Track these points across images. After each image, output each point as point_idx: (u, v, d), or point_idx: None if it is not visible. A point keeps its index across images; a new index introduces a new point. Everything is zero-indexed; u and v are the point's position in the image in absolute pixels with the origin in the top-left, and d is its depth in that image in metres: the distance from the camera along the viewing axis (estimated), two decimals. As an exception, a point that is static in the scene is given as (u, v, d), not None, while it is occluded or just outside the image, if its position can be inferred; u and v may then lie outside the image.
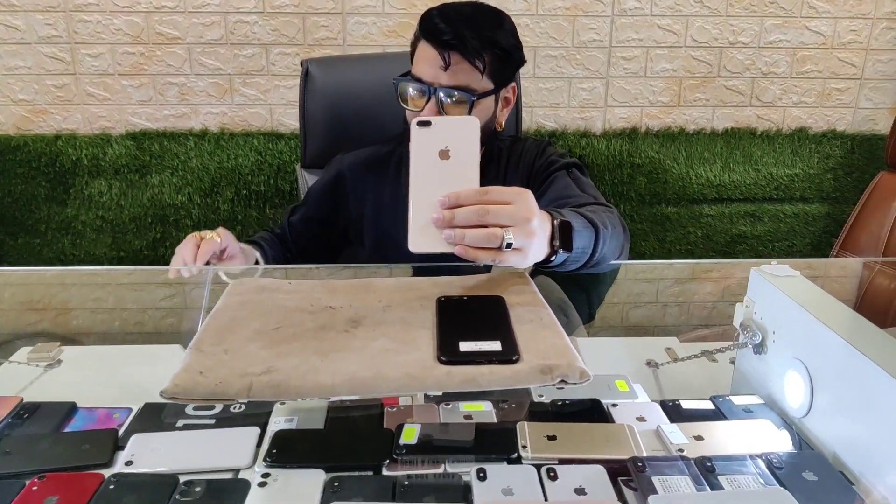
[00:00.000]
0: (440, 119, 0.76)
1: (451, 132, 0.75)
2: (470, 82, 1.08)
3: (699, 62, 2.09)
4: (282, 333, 0.72)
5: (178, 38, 2.01)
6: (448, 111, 1.09)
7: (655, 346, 0.88)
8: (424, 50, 1.08)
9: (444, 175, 0.74)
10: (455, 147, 0.74)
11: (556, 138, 2.10)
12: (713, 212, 2.17)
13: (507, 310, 0.76)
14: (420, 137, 0.75)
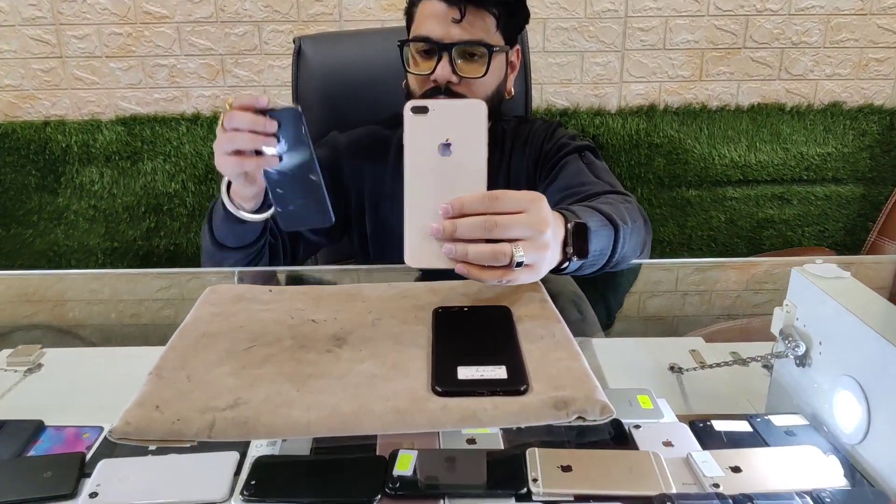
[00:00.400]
0: (439, 103, 0.63)
1: (453, 120, 0.62)
2: (485, 36, 1.00)
3: (723, 32, 1.96)
4: (255, 354, 0.62)
5: (167, 16, 1.91)
6: (462, 70, 1.00)
7: (678, 347, 0.80)
8: (430, 6, 1.00)
9: (444, 174, 0.62)
10: (458, 138, 0.62)
11: (568, 117, 1.99)
12: (738, 194, 2.05)
13: (514, 324, 0.66)
14: (416, 127, 0.62)
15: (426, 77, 1.00)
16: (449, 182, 0.62)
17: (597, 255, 0.77)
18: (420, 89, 1.02)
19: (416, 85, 1.03)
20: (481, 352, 0.61)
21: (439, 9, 0.98)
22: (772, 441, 0.62)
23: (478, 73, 1.00)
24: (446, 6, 0.98)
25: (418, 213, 0.62)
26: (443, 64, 0.98)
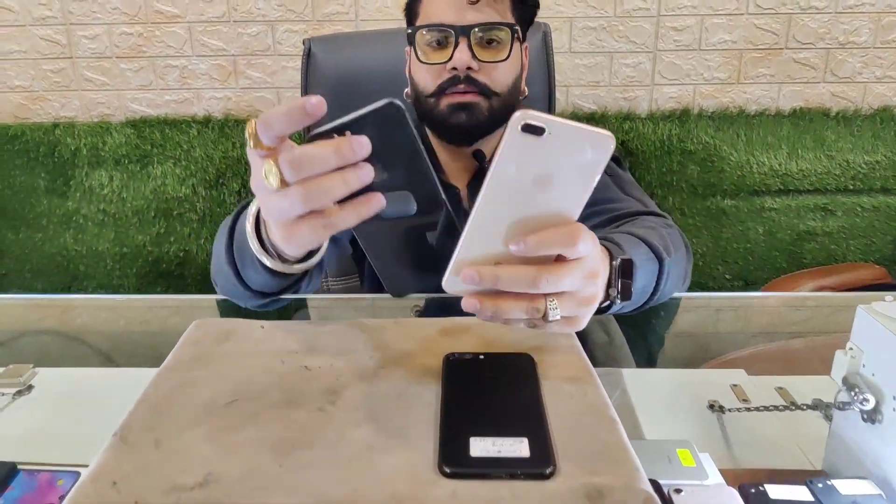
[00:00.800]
0: (562, 125, 0.46)
1: (570, 150, 0.47)
2: (503, 17, 0.92)
3: (763, 32, 1.84)
4: (236, 412, 0.54)
5: (178, 15, 1.84)
6: (482, 54, 0.91)
7: (718, 381, 0.72)
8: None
9: (529, 209, 0.49)
10: (565, 174, 0.48)
11: (596, 121, 1.88)
12: (777, 205, 1.92)
13: (539, 379, 0.57)
14: (518, 147, 0.47)
15: (442, 66, 0.91)
16: (530, 220, 0.50)
17: (639, 294, 0.68)
18: (435, 82, 0.93)
19: (430, 78, 0.93)
20: (499, 417, 0.51)
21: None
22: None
23: (500, 56, 0.92)
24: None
25: (480, 238, 0.50)
26: (461, 49, 0.89)
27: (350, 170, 0.46)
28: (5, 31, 1.88)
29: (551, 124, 0.46)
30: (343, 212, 0.48)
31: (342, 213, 0.48)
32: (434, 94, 0.93)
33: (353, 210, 0.48)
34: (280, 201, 0.48)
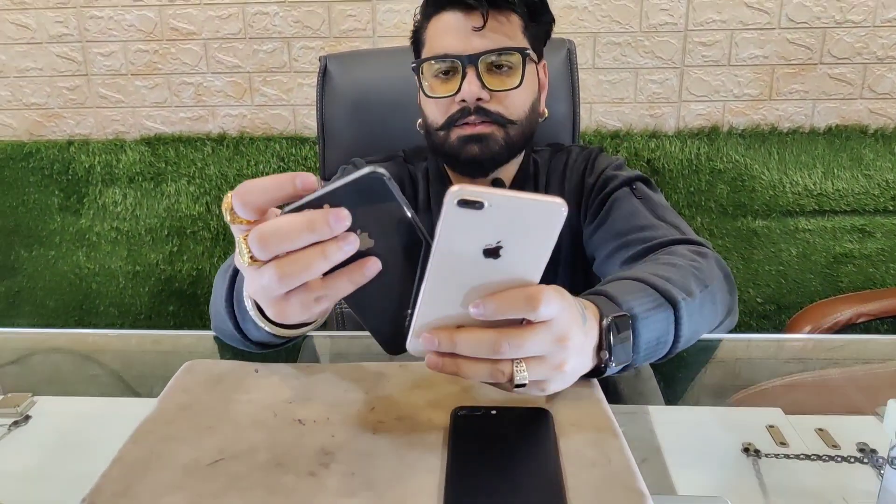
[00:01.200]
0: (501, 198, 0.42)
1: (515, 221, 0.43)
2: (513, 41, 0.86)
3: (796, 46, 1.76)
4: (219, 474, 0.48)
5: (194, 33, 1.82)
6: (492, 83, 0.85)
7: (753, 421, 0.66)
8: (444, 20, 0.86)
9: (486, 275, 0.45)
10: (514, 244, 0.44)
11: (620, 139, 1.82)
12: (812, 226, 1.84)
13: (557, 441, 0.50)
14: (458, 222, 0.43)
15: (450, 99, 0.86)
16: (488, 285, 0.46)
17: (652, 347, 0.61)
18: (444, 115, 0.88)
19: (439, 112, 0.89)
20: (511, 483, 0.45)
21: (455, 20, 0.85)
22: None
23: (512, 84, 0.86)
24: (462, 15, 0.84)
25: (435, 302, 0.47)
26: (469, 79, 0.84)
27: (330, 242, 0.43)
28: (22, 48, 1.87)
29: (490, 197, 0.42)
30: (335, 281, 0.45)
31: (335, 283, 0.45)
32: (444, 127, 0.88)
33: (346, 278, 0.45)
34: (258, 279, 0.45)
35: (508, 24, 0.86)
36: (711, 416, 0.66)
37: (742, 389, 0.77)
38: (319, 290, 0.45)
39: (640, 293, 0.61)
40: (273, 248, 0.43)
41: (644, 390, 0.84)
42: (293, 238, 0.42)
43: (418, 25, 0.92)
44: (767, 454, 0.59)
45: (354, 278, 0.45)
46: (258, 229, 0.43)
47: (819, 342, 0.92)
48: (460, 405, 0.55)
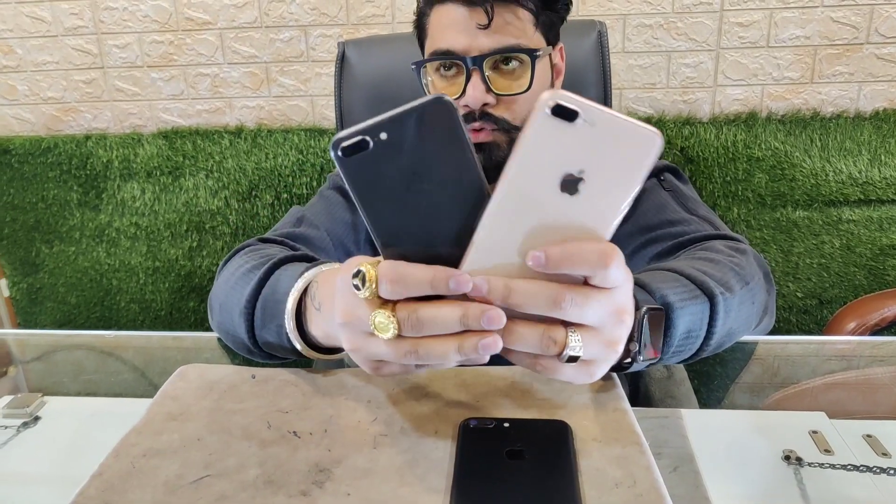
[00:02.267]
0: (599, 113, 0.38)
1: (604, 147, 0.38)
2: (522, 39, 0.78)
3: (841, 25, 1.66)
4: (203, 493, 0.44)
5: (209, 22, 1.78)
6: (499, 87, 0.79)
7: (795, 427, 0.62)
8: (447, 12, 0.79)
9: (555, 214, 0.39)
10: (599, 174, 0.39)
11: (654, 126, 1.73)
12: (856, 216, 1.74)
13: (576, 458, 0.45)
14: (545, 134, 0.38)
15: (457, 101, 0.80)
16: (553, 230, 0.40)
17: (683, 340, 0.55)
18: None
19: None
20: (524, 501, 0.39)
21: (459, 14, 0.77)
22: None
23: (520, 87, 0.79)
24: (467, 9, 0.77)
25: (489, 252, 0.40)
26: (474, 83, 0.77)
27: (473, 338, 0.40)
28: (38, 41, 1.85)
29: (587, 109, 0.37)
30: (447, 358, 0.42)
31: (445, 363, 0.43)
32: None
33: (457, 356, 0.42)
34: (383, 348, 0.43)
35: (517, 19, 0.79)
36: (749, 421, 0.62)
37: (781, 389, 0.74)
38: None
39: (675, 283, 0.56)
40: (426, 331, 0.41)
41: (677, 393, 0.79)
42: (444, 325, 0.40)
43: (421, 11, 0.85)
44: (811, 463, 0.56)
45: (466, 351, 0.41)
46: (417, 312, 0.40)
47: (861, 342, 0.87)
48: (470, 416, 0.49)
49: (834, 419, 0.62)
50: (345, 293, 0.44)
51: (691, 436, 0.58)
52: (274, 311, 0.58)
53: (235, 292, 0.63)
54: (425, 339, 0.41)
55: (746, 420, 0.62)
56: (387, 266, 0.41)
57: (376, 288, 0.41)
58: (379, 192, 0.40)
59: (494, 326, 0.40)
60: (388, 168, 0.39)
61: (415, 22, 0.88)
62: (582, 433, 0.47)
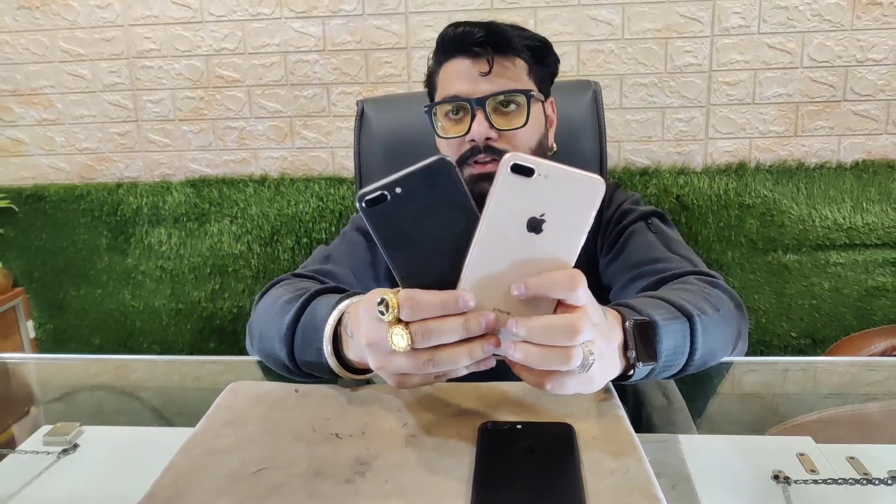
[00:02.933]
0: (551, 168, 0.47)
1: (559, 194, 0.48)
2: (517, 83, 0.92)
3: (819, 84, 1.79)
4: (262, 483, 0.52)
5: (238, 80, 1.92)
6: (499, 123, 0.91)
7: (783, 450, 0.66)
8: (454, 66, 0.92)
9: (524, 253, 0.49)
10: (556, 217, 0.48)
11: (649, 176, 1.85)
12: (843, 259, 1.84)
13: (578, 452, 0.53)
14: (509, 188, 0.48)
15: (461, 139, 0.92)
16: (521, 270, 0.49)
17: (670, 355, 0.64)
18: (456, 154, 0.93)
19: (452, 151, 0.94)
20: (535, 492, 0.48)
21: (464, 66, 0.91)
22: None
23: (517, 123, 0.91)
24: (470, 61, 0.90)
25: (478, 279, 0.50)
26: (478, 120, 0.89)
27: (476, 343, 0.50)
28: (77, 97, 1.99)
29: (540, 165, 0.47)
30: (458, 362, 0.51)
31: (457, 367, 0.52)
32: (457, 165, 0.93)
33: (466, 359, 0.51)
34: (404, 362, 0.51)
35: (514, 68, 0.92)
36: (742, 445, 0.67)
37: (777, 425, 0.77)
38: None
39: (658, 306, 0.65)
40: (434, 340, 0.49)
41: (676, 420, 0.85)
42: (450, 333, 0.49)
43: (431, 71, 0.99)
44: (797, 480, 0.60)
45: (475, 354, 0.50)
46: (425, 326, 0.49)
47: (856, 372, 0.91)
48: (487, 420, 0.58)
49: (821, 444, 0.66)
50: (367, 320, 0.53)
51: (688, 458, 0.63)
52: (313, 336, 0.67)
53: (275, 321, 0.72)
54: (439, 348, 0.50)
55: (740, 444, 0.67)
56: (405, 294, 0.49)
57: (398, 312, 0.49)
58: (396, 234, 0.50)
59: (491, 329, 0.49)
60: (403, 215, 0.49)
61: (426, 79, 1.01)
62: (584, 433, 0.56)
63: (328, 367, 0.66)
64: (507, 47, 0.90)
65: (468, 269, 0.50)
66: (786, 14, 1.75)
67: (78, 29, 1.93)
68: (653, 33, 1.79)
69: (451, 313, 0.49)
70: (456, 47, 0.92)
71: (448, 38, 0.93)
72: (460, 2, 1.81)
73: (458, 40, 0.91)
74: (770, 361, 0.92)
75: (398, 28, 1.84)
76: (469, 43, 0.90)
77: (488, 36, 0.89)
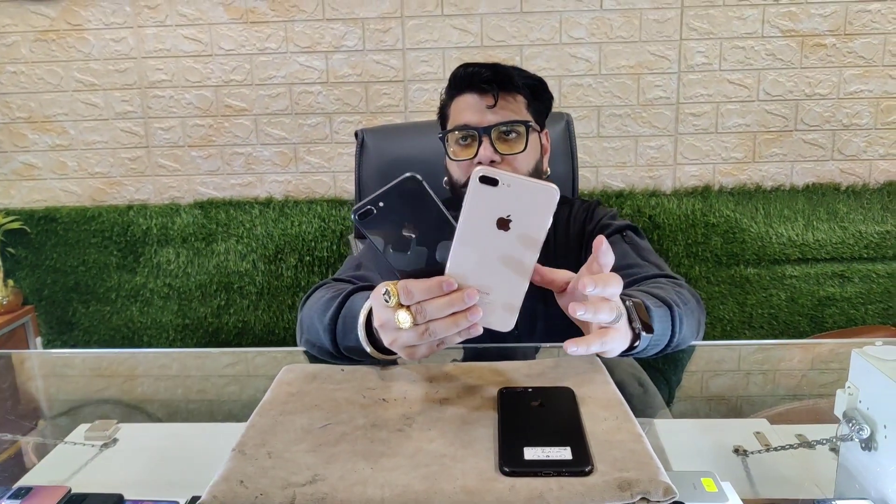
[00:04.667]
0: (512, 178, 0.59)
1: (521, 199, 0.60)
2: (518, 115, 1.07)
3: (774, 116, 2.00)
4: (330, 432, 0.66)
5: (246, 109, 2.06)
6: (502, 148, 1.06)
7: (742, 429, 0.78)
8: (464, 100, 1.08)
9: (495, 249, 0.63)
10: (520, 218, 0.60)
11: (624, 198, 2.02)
12: (797, 273, 2.03)
13: (578, 405, 0.68)
14: (479, 196, 0.60)
15: (469, 161, 1.06)
16: (495, 259, 0.63)
17: (659, 336, 0.79)
18: (465, 175, 1.07)
19: (460, 172, 1.09)
20: (546, 432, 0.62)
21: (473, 100, 1.06)
22: (839, 527, 0.59)
23: (518, 149, 1.06)
24: (478, 96, 1.06)
25: (460, 266, 0.64)
26: (485, 146, 1.04)
27: (461, 315, 0.64)
28: (90, 124, 2.11)
29: (503, 177, 0.60)
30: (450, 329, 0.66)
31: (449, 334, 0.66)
32: (465, 185, 1.08)
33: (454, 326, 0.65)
34: (409, 335, 0.66)
35: (515, 102, 1.07)
36: (709, 426, 0.79)
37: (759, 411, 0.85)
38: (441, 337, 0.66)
39: (645, 296, 0.81)
40: (429, 315, 0.64)
41: (652, 405, 0.97)
42: (442, 309, 0.64)
43: (444, 103, 1.14)
44: (753, 452, 0.71)
45: (460, 324, 0.64)
46: (421, 307, 0.64)
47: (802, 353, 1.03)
48: (505, 386, 0.73)
49: (775, 425, 0.76)
50: (377, 307, 0.69)
51: (662, 437, 0.73)
52: (351, 326, 0.82)
53: (321, 315, 0.87)
54: (434, 322, 0.64)
55: (706, 425, 0.78)
56: (402, 283, 0.63)
57: (398, 298, 0.64)
58: (388, 238, 0.65)
59: (472, 302, 0.62)
60: (390, 222, 0.63)
61: (439, 110, 1.16)
62: (581, 395, 0.70)
63: (364, 350, 0.81)
64: (509, 85, 1.06)
65: (452, 259, 0.64)
66: (743, 53, 1.95)
67: (92, 60, 2.06)
68: (626, 69, 1.97)
69: (438, 295, 0.64)
70: (467, 84, 1.07)
71: (459, 77, 1.08)
72: (453, 40, 1.98)
73: (468, 78, 1.07)
74: (734, 348, 1.05)
75: (396, 63, 2.00)
76: (478, 80, 1.05)
77: (494, 75, 1.05)
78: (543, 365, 0.79)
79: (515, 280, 0.64)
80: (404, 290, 0.64)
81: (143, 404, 0.92)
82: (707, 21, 1.94)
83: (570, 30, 1.96)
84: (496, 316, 0.66)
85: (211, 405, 0.92)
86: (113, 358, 1.09)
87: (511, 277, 0.64)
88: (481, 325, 0.66)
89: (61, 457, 0.74)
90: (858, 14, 1.92)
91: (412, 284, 0.64)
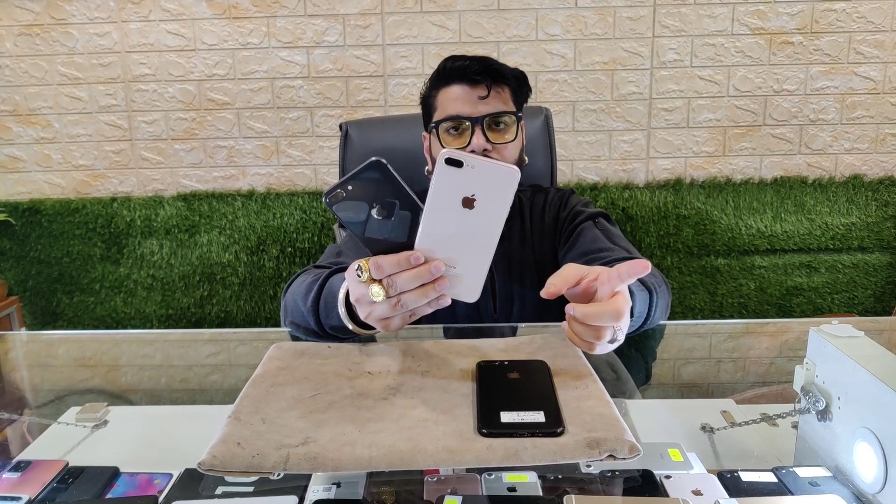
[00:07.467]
0: (476, 161, 0.63)
1: (485, 180, 0.64)
2: (507, 106, 1.11)
3: (743, 111, 2.06)
4: (319, 401, 0.70)
5: (228, 103, 2.09)
6: (494, 138, 1.10)
7: (710, 408, 0.82)
8: (453, 91, 1.11)
9: (460, 226, 0.67)
10: (484, 198, 0.65)
11: (599, 191, 2.08)
12: (766, 263, 2.10)
13: (551, 376, 0.73)
14: (446, 177, 0.64)
15: (461, 150, 1.10)
16: (461, 235, 0.67)
17: (638, 318, 0.84)
18: None
19: None
20: (521, 399, 0.67)
21: (462, 91, 1.10)
22: (797, 491, 0.63)
23: (508, 138, 1.11)
24: (469, 87, 1.09)
25: (429, 242, 0.68)
26: (477, 135, 1.08)
27: (429, 286, 0.69)
28: (74, 117, 2.12)
29: (467, 159, 0.64)
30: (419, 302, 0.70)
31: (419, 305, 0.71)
32: None
33: (424, 298, 0.69)
34: (382, 307, 0.70)
35: (504, 93, 1.12)
36: (678, 406, 0.83)
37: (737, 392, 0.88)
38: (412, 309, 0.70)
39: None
40: (399, 288, 0.67)
41: (625, 389, 1.03)
42: (411, 281, 0.67)
43: (427, 94, 1.17)
44: (719, 428, 0.75)
45: (429, 294, 0.68)
46: (391, 279, 0.67)
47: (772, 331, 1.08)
48: (482, 360, 0.78)
49: (741, 405, 0.80)
50: (351, 282, 0.71)
51: (635, 417, 0.77)
52: (332, 304, 0.86)
53: (304, 298, 0.91)
54: (405, 294, 0.67)
55: (676, 405, 0.82)
56: (373, 259, 0.67)
57: (370, 273, 0.67)
58: (358, 219, 0.69)
59: (439, 273, 0.66)
60: (359, 204, 0.66)
61: (421, 101, 1.18)
62: (554, 367, 0.75)
63: (346, 326, 0.85)
64: (499, 77, 1.10)
65: (420, 235, 0.68)
66: (714, 51, 2.02)
67: (76, 54, 2.07)
68: (601, 65, 2.03)
69: (407, 268, 0.67)
70: (457, 76, 1.10)
71: (449, 69, 1.12)
72: (432, 36, 2.02)
73: (459, 70, 1.10)
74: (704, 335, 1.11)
75: (376, 58, 2.04)
76: (469, 72, 1.09)
77: (485, 67, 1.09)
78: (519, 341, 0.84)
79: (480, 254, 0.68)
80: (375, 265, 0.68)
81: (125, 389, 0.93)
82: (679, 19, 2.00)
83: (546, 27, 2.01)
84: (462, 287, 0.70)
85: (200, 385, 0.94)
86: (100, 343, 1.10)
87: (476, 252, 0.68)
88: (449, 296, 0.70)
89: (55, 437, 0.76)
90: (824, 13, 1.99)
91: (381, 259, 0.68)
